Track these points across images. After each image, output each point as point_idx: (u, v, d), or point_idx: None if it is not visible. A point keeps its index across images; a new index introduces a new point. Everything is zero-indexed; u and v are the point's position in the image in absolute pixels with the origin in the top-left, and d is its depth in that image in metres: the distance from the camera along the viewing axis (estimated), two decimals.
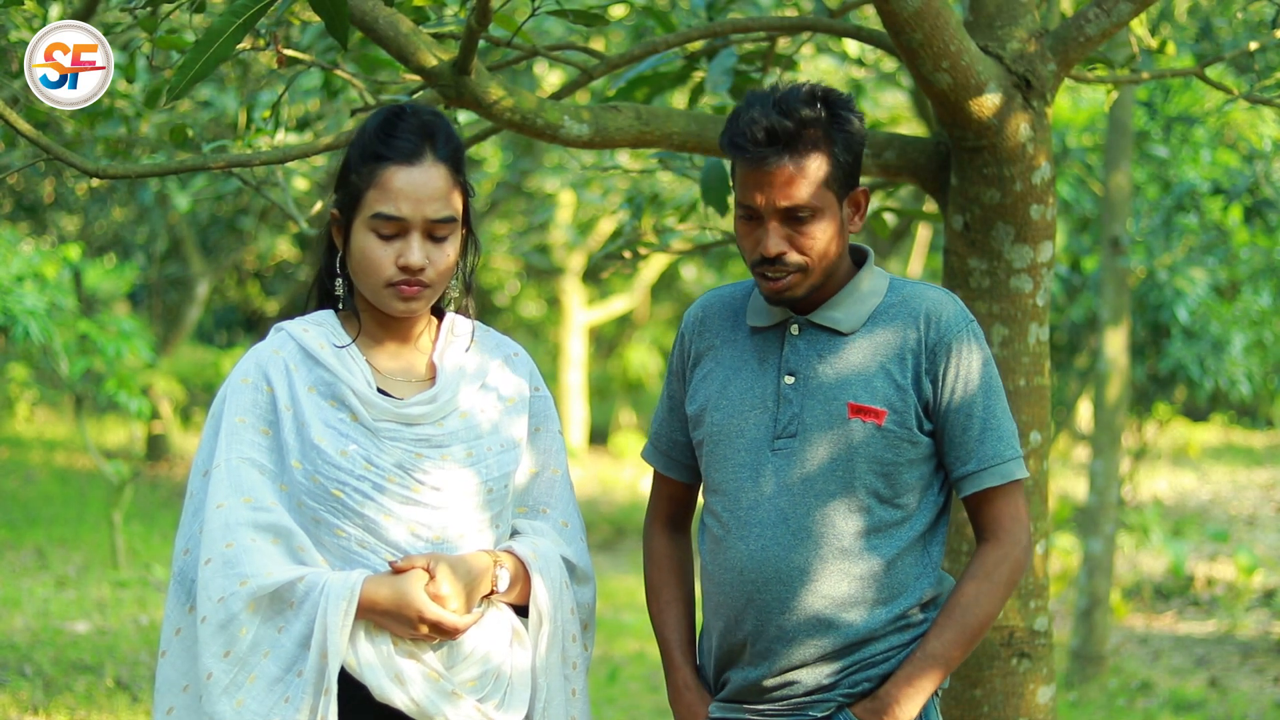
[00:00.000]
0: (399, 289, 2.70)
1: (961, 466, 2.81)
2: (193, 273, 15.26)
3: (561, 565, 2.82)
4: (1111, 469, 8.56)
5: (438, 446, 2.72)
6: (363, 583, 2.62)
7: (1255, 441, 18.18)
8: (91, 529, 11.22)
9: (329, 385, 2.71)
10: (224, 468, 2.66)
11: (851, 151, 2.79)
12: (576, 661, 2.84)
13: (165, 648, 2.71)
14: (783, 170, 2.73)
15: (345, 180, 2.73)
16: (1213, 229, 10.56)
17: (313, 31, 5.02)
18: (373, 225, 2.69)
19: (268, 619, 2.61)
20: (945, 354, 2.79)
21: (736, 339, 2.90)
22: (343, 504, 2.66)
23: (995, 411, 2.81)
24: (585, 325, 18.31)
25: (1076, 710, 7.94)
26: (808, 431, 2.79)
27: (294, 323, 2.77)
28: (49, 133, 6.00)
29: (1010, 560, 2.80)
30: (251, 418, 2.69)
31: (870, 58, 9.47)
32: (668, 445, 3.01)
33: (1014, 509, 2.82)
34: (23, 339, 8.35)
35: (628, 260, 5.10)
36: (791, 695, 2.79)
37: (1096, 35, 3.52)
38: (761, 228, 2.77)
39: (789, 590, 2.77)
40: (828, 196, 2.76)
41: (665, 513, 3.05)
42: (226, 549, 2.61)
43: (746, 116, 2.74)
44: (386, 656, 2.65)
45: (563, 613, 2.81)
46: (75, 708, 6.51)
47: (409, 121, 2.71)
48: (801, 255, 2.76)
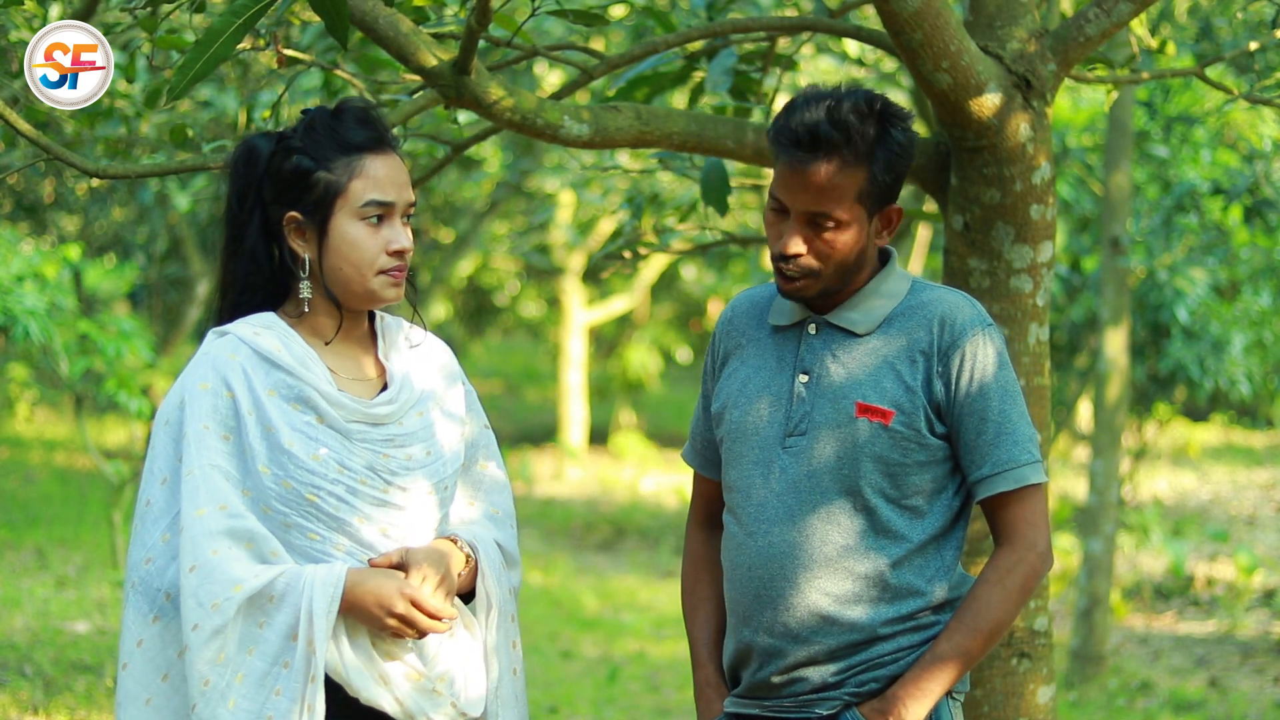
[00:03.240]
0: (391, 275, 2.74)
1: (976, 470, 2.80)
2: (193, 273, 15.27)
3: (497, 548, 2.88)
4: (1111, 469, 8.56)
5: (401, 446, 2.75)
6: (347, 572, 2.65)
7: (1255, 441, 18.18)
8: (91, 529, 11.22)
9: (291, 388, 2.70)
10: (198, 474, 2.65)
11: (893, 170, 2.77)
12: (516, 640, 2.90)
13: (126, 660, 2.69)
14: (816, 176, 2.72)
15: (305, 181, 2.72)
16: (1213, 229, 10.55)
17: (313, 31, 5.02)
18: (363, 214, 2.71)
19: (248, 616, 2.62)
20: (958, 357, 2.78)
21: (760, 338, 2.92)
22: (318, 508, 2.67)
23: (1010, 415, 2.80)
24: (585, 325, 18.31)
25: (1076, 710, 7.93)
26: (816, 430, 2.79)
27: (240, 326, 2.75)
28: (49, 133, 6.00)
29: (1025, 565, 2.79)
30: (214, 424, 2.68)
31: (870, 58, 9.46)
32: (703, 445, 3.03)
33: (1030, 513, 2.81)
34: (23, 339, 8.35)
35: (628, 260, 5.10)
36: (798, 692, 2.80)
37: (1096, 35, 3.52)
38: (786, 223, 2.77)
39: (794, 587, 2.78)
40: (857, 210, 2.75)
41: (703, 512, 3.06)
42: (213, 556, 2.61)
43: (799, 115, 2.73)
44: (370, 659, 2.67)
45: (503, 594, 2.86)
46: (75, 708, 6.51)
47: (357, 115, 2.76)
48: (816, 260, 2.77)
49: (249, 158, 2.78)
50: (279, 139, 2.78)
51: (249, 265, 2.77)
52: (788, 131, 2.74)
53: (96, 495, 12.56)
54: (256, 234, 2.76)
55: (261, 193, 2.76)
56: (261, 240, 2.77)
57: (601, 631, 9.61)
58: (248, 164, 2.78)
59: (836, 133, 2.70)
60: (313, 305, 2.77)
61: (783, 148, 2.75)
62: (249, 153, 2.78)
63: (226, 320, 2.78)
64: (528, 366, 25.28)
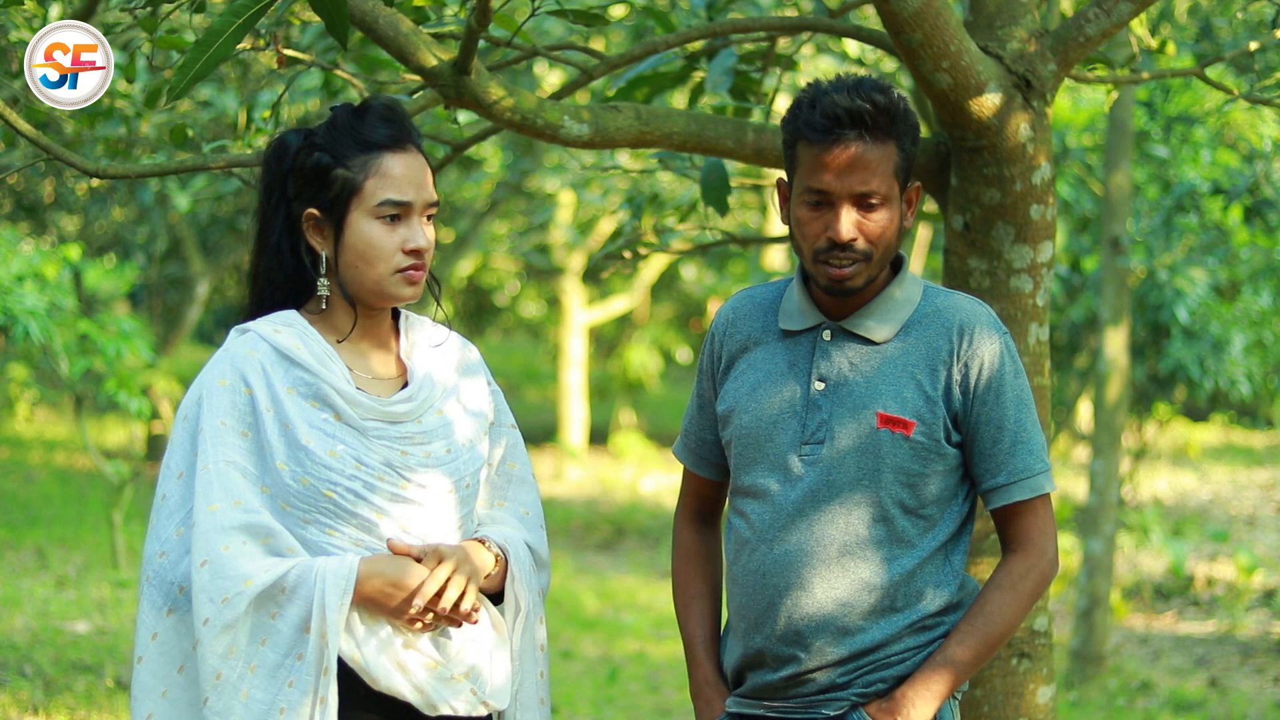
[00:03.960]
0: (408, 274, 2.74)
1: (991, 479, 2.81)
2: (193, 273, 15.25)
3: (527, 550, 2.87)
4: (1111, 469, 8.56)
5: (421, 444, 2.75)
6: (359, 563, 2.65)
7: (1255, 441, 18.18)
8: (91, 529, 11.22)
9: (309, 385, 2.71)
10: (212, 469, 2.66)
11: (915, 144, 2.81)
12: (542, 644, 2.89)
13: (141, 653, 2.70)
14: (861, 153, 2.73)
15: (324, 178, 2.73)
16: (1213, 229, 10.55)
17: (313, 31, 5.02)
18: (379, 213, 2.71)
19: (260, 608, 2.62)
20: (977, 365, 2.78)
21: (768, 341, 2.90)
22: (335, 504, 2.67)
23: (1026, 424, 2.81)
24: (585, 325, 18.30)
25: (1076, 710, 7.94)
26: (835, 439, 2.78)
27: (261, 324, 2.76)
28: (49, 133, 6.00)
29: (1036, 572, 2.81)
30: (231, 420, 2.69)
31: (870, 58, 9.46)
32: (696, 443, 3.02)
33: (1042, 521, 2.83)
34: (23, 339, 8.34)
35: (628, 260, 5.10)
36: (805, 693, 2.80)
37: (1096, 35, 3.52)
38: (831, 212, 2.75)
39: (808, 594, 2.78)
40: (894, 186, 2.77)
41: (693, 508, 3.06)
42: (224, 551, 2.61)
43: (825, 100, 2.74)
44: (388, 646, 2.67)
45: (532, 597, 2.86)
46: (75, 708, 6.51)
47: (380, 112, 2.75)
48: (869, 243, 2.76)
49: (279, 153, 2.78)
50: (306, 135, 2.78)
51: (272, 262, 2.78)
52: (821, 118, 2.73)
53: (96, 495, 12.56)
54: (280, 230, 2.77)
55: (286, 189, 2.77)
56: (285, 236, 2.78)
57: (601, 631, 9.61)
58: (277, 159, 2.78)
59: (870, 106, 2.72)
60: (331, 303, 2.78)
61: (816, 134, 2.74)
62: (279, 148, 2.79)
63: (251, 316, 2.79)
64: (528, 366, 25.26)
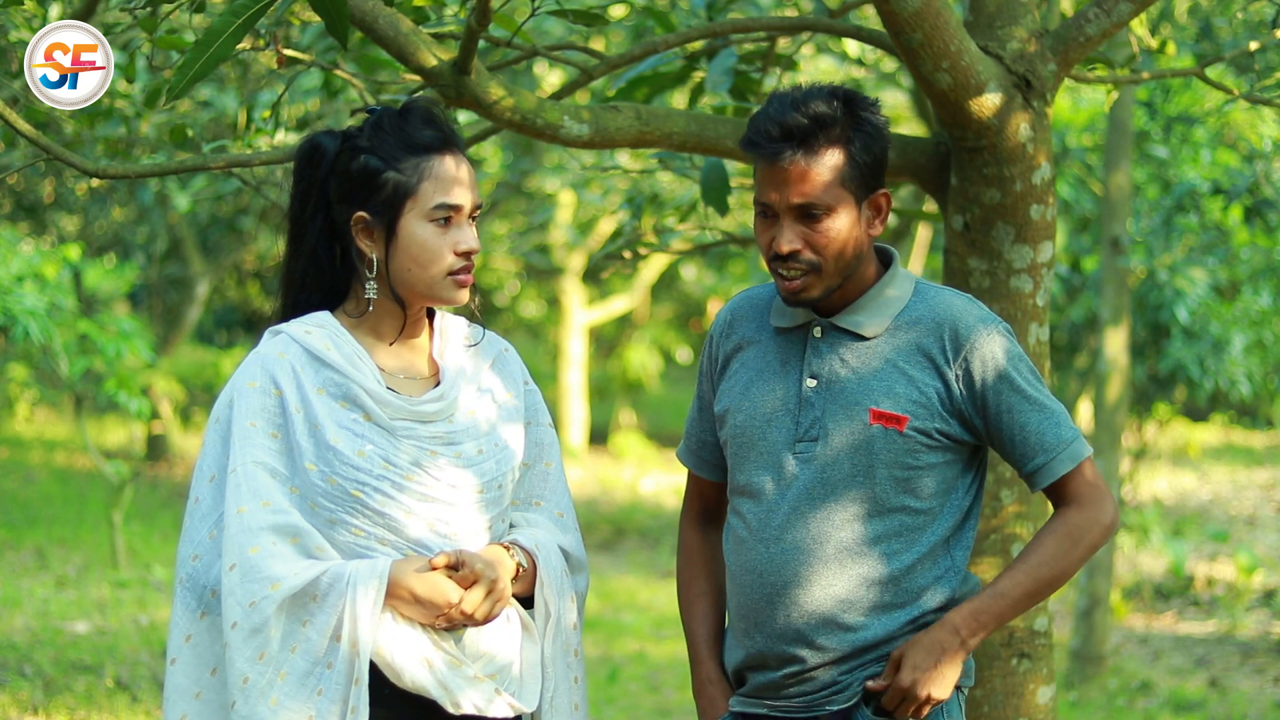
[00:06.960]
0: (458, 276, 2.74)
1: (1030, 462, 2.80)
2: (193, 273, 15.26)
3: (560, 555, 2.87)
4: (1111, 469, 8.56)
5: (450, 444, 2.75)
6: (390, 568, 2.64)
7: (1255, 441, 18.17)
8: (91, 529, 11.22)
9: (339, 386, 2.72)
10: (240, 472, 2.67)
11: (871, 152, 2.77)
12: (577, 649, 2.88)
13: (175, 655, 2.70)
14: (795, 166, 2.73)
15: (374, 181, 2.72)
16: (1213, 229, 10.55)
17: (313, 31, 5.02)
18: (433, 215, 2.71)
19: (292, 614, 2.62)
20: (977, 361, 2.78)
21: (761, 339, 2.91)
22: (363, 504, 2.67)
23: (1042, 401, 2.80)
24: (585, 325, 18.30)
25: (1076, 710, 7.93)
26: (829, 436, 2.79)
27: (293, 325, 2.77)
28: (49, 133, 5.99)
29: (1099, 526, 2.79)
30: (261, 421, 2.70)
31: (870, 58, 9.47)
32: (697, 445, 3.03)
33: (1094, 481, 2.81)
34: (23, 339, 8.35)
35: (628, 260, 5.10)
36: (807, 691, 2.81)
37: (1096, 35, 3.52)
38: (776, 225, 2.77)
39: (806, 592, 2.78)
40: (843, 195, 2.75)
41: (697, 510, 3.07)
42: (252, 554, 2.62)
43: (763, 114, 2.75)
44: (414, 641, 2.67)
45: (564, 602, 2.84)
46: (75, 708, 6.52)
47: (423, 115, 2.75)
48: (815, 254, 2.76)
49: (313, 157, 2.77)
50: (344, 138, 2.76)
51: (308, 265, 2.78)
52: (756, 131, 2.75)
53: (96, 495, 12.56)
54: (318, 234, 2.77)
55: (326, 192, 2.76)
56: (323, 240, 2.77)
57: (601, 631, 9.60)
58: (311, 163, 2.77)
59: (804, 119, 2.72)
60: (376, 305, 2.78)
61: (756, 149, 2.75)
62: (313, 151, 2.77)
63: (285, 319, 2.79)
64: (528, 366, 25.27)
